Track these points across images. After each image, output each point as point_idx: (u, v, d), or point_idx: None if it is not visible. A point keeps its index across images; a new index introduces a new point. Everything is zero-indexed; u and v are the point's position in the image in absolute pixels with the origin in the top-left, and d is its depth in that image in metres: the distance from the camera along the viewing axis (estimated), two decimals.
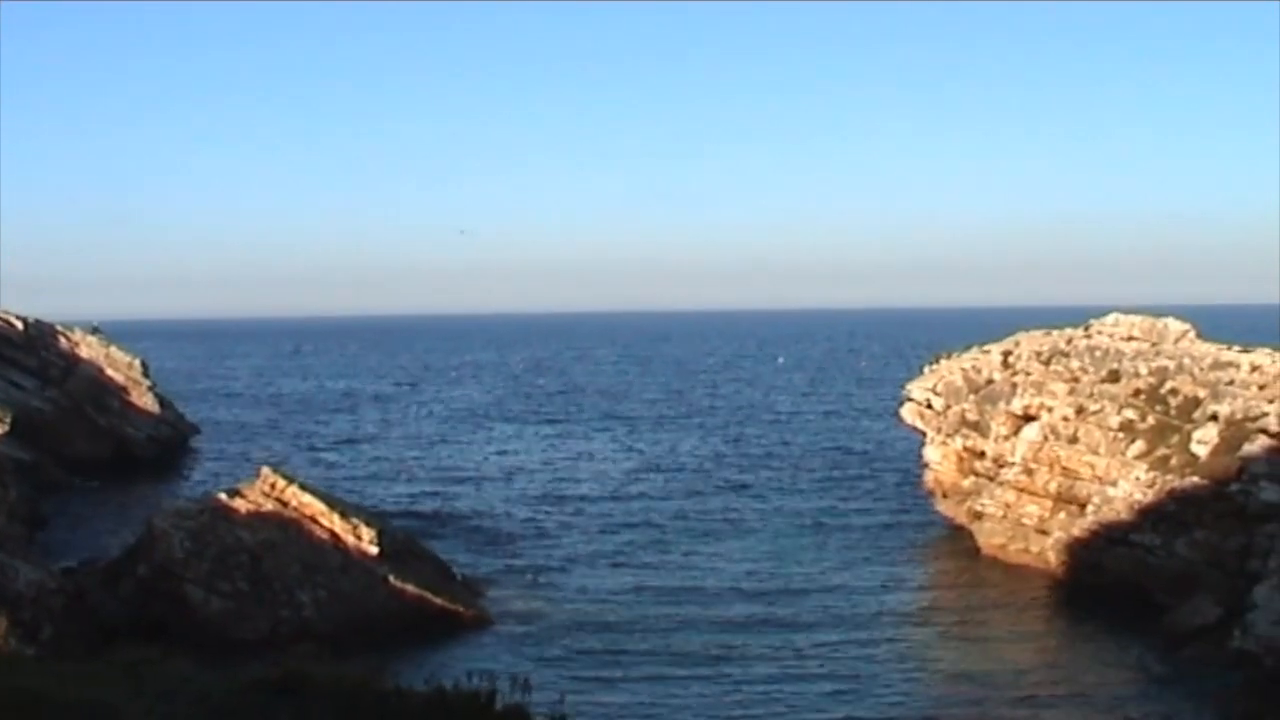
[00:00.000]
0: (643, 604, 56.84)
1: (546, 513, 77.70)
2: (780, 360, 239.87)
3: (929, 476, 74.13)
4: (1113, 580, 56.61)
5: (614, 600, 57.41)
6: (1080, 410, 64.63)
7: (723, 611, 55.59)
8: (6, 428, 72.65)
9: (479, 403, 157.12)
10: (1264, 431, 53.06)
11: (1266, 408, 54.38)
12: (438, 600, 53.38)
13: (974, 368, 73.69)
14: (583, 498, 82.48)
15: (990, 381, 71.86)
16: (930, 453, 73.78)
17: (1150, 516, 56.12)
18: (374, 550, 53.51)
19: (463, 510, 78.74)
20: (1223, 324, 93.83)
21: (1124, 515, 57.28)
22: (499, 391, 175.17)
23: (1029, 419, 67.35)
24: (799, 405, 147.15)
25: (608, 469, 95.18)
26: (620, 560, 65.08)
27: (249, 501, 53.86)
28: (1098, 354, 67.62)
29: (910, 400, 76.85)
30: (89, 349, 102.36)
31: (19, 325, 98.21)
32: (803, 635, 52.02)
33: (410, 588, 53.13)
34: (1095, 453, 61.91)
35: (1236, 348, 63.89)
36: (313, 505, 54.34)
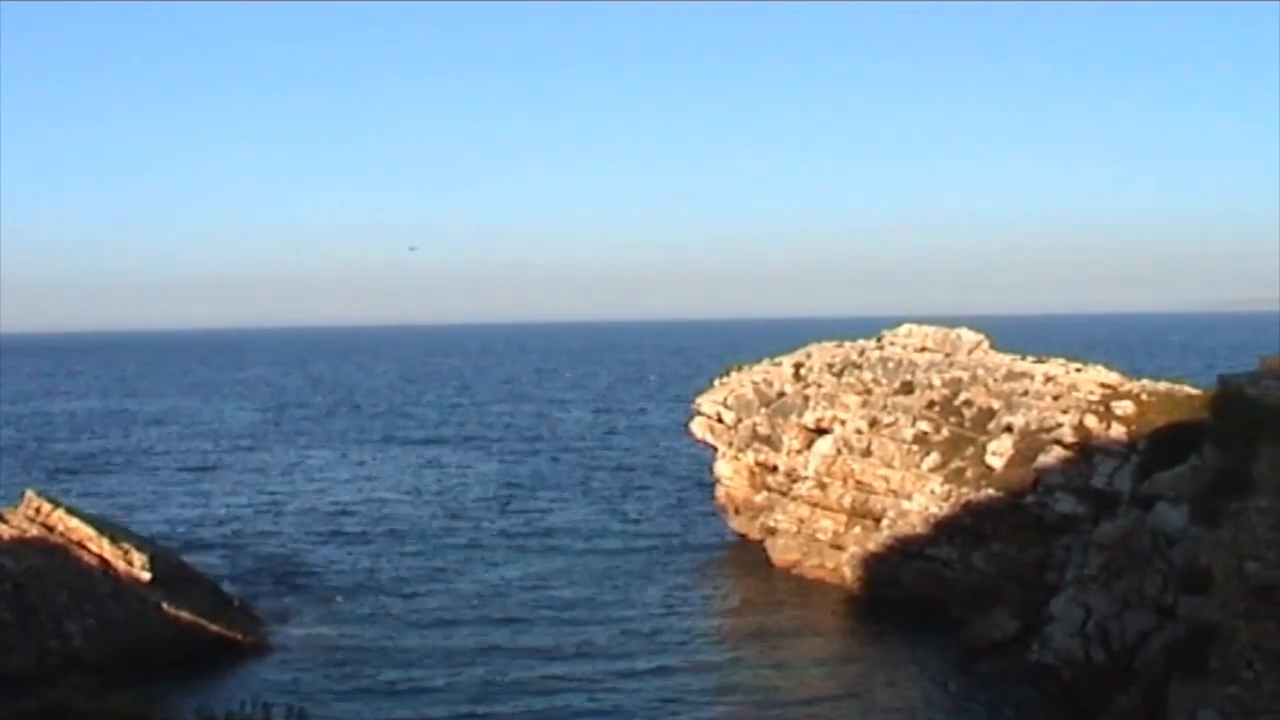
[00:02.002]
0: (428, 631, 54.62)
1: (326, 536, 74.71)
2: (568, 375, 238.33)
3: (720, 492, 72.85)
4: (909, 595, 55.90)
5: (398, 627, 55.05)
6: (874, 423, 63.95)
7: (509, 636, 53.64)
8: None
9: (256, 421, 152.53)
10: (1058, 442, 52.72)
11: (1061, 418, 54.03)
12: (214, 627, 51.10)
13: (765, 380, 72.72)
14: (364, 521, 79.47)
15: (782, 394, 70.94)
16: (721, 468, 72.50)
17: (946, 530, 55.49)
18: (146, 576, 50.81)
19: (240, 534, 75.45)
20: (1016, 334, 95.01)
21: (919, 529, 56.56)
22: (277, 409, 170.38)
23: (822, 432, 66.54)
24: (587, 421, 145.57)
25: (389, 491, 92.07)
26: (404, 586, 62.51)
27: (12, 527, 50.73)
28: (891, 365, 67.09)
29: (700, 414, 75.48)
30: None
31: None
32: (592, 658, 50.34)
33: (185, 615, 50.72)
34: (889, 466, 61.19)
35: (1030, 358, 63.91)
36: (80, 530, 51.36)
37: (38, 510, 51.73)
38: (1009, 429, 56.56)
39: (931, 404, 62.59)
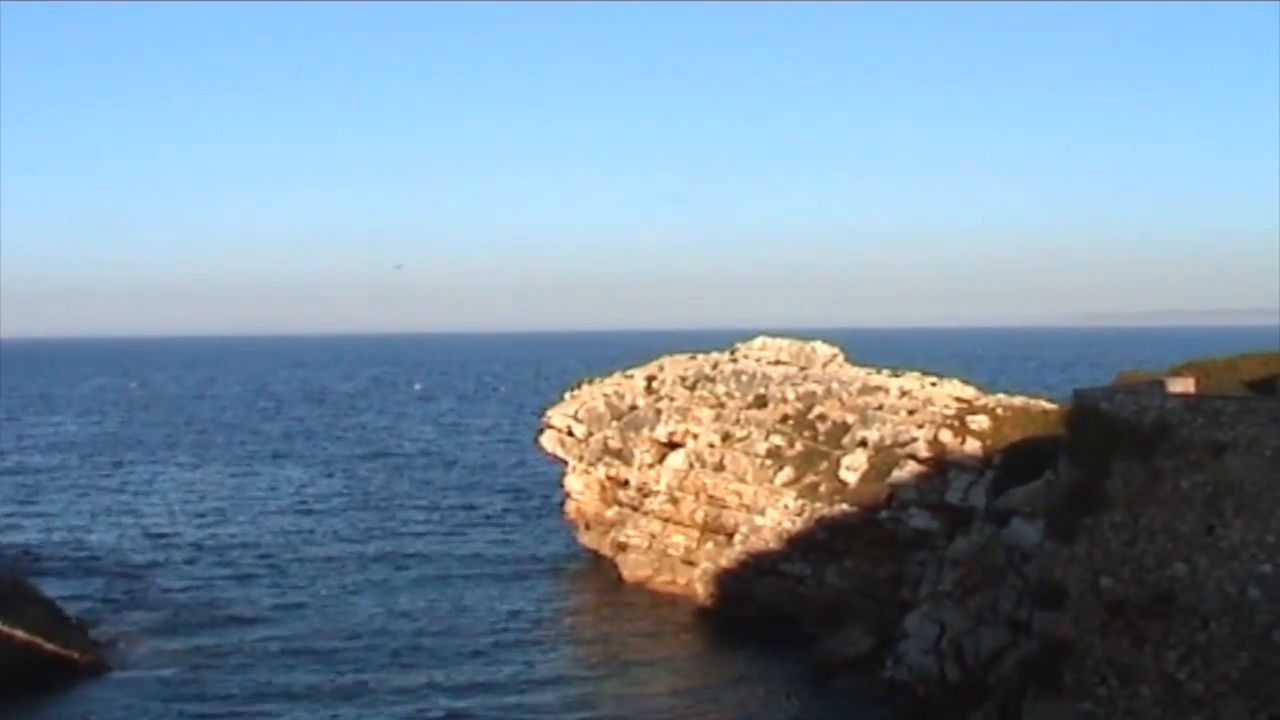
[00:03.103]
0: (270, 648, 53.06)
1: (167, 553, 72.64)
2: (418, 387, 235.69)
3: (571, 507, 71.89)
4: (762, 611, 55.49)
5: (238, 647, 53.36)
6: (727, 437, 63.44)
7: (357, 655, 52.25)
8: None
9: (97, 436, 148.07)
10: (913, 457, 52.55)
11: (916, 433, 53.87)
12: (49, 646, 49.48)
13: (616, 393, 71.98)
14: (207, 539, 77.26)
15: (634, 407, 70.24)
16: (572, 482, 71.54)
17: (799, 545, 55.11)
18: None
19: (76, 550, 73.07)
20: (871, 347, 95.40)
21: (772, 544, 56.13)
22: (115, 422, 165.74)
23: (674, 446, 65.96)
24: (434, 435, 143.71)
25: (234, 509, 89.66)
26: (247, 605, 60.77)
27: None
28: (744, 378, 66.65)
29: (550, 427, 74.52)
30: None
31: None
32: (438, 675, 49.29)
33: (19, 634, 48.98)
34: (742, 480, 60.67)
35: (886, 372, 63.77)
36: None
37: None
38: (863, 443, 56.31)
39: (785, 418, 62.20)
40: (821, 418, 60.65)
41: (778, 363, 67.89)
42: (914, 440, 53.52)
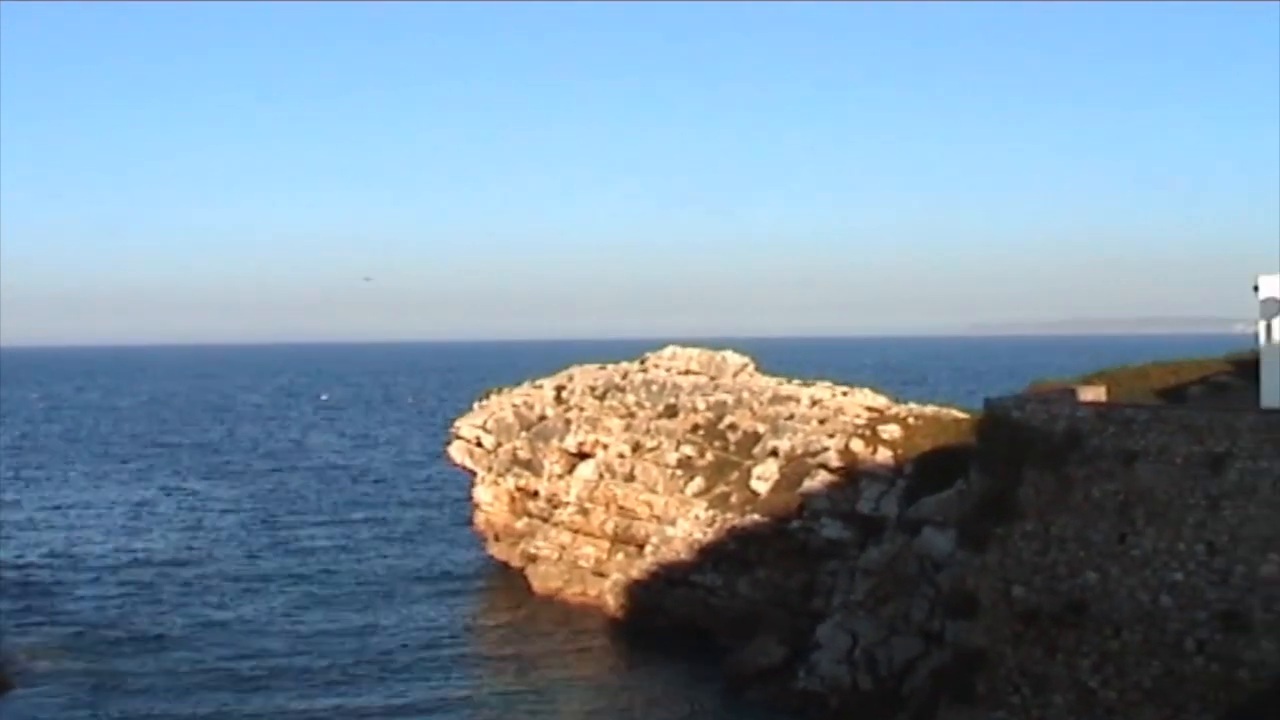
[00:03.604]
0: (177, 664, 52.11)
1: (69, 570, 71.00)
2: (325, 397, 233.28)
3: (480, 518, 71.27)
4: (674, 622, 55.10)
5: (143, 662, 52.35)
6: (637, 447, 63.12)
7: (261, 669, 51.43)
8: None
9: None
10: (824, 467, 52.45)
11: (827, 442, 53.79)
12: None
13: (526, 403, 71.43)
14: (107, 554, 75.74)
15: (543, 417, 69.71)
16: (481, 493, 70.92)
17: (711, 556, 54.80)
18: None
19: None
20: (783, 357, 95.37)
21: (684, 555, 55.79)
22: (14, 435, 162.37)
23: (584, 456, 65.54)
24: (341, 445, 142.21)
25: (138, 523, 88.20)
26: (152, 620, 59.59)
27: None
28: (654, 388, 66.34)
29: (459, 438, 73.85)
30: None
31: None
32: (345, 692, 48.53)
33: None
34: (653, 491, 60.35)
35: (797, 381, 63.69)
36: None
37: None
38: (774, 453, 56.14)
39: (696, 427, 61.95)
40: (732, 427, 60.46)
41: (688, 372, 67.65)
42: (825, 450, 53.43)
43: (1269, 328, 36.77)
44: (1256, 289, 37.31)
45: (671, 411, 63.90)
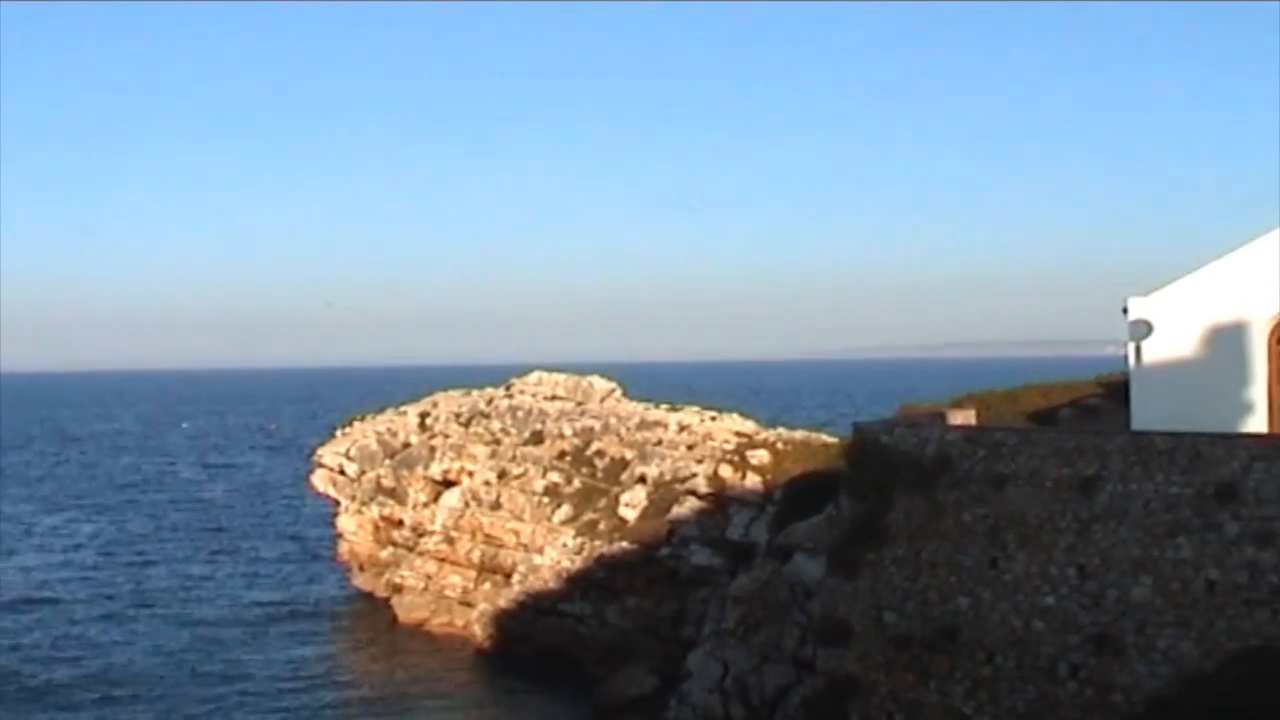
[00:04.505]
0: (20, 708, 50.18)
1: None
2: (185, 425, 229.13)
3: (344, 547, 70.13)
4: (542, 652, 54.44)
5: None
6: (503, 474, 62.42)
7: (121, 708, 49.90)
8: None
9: None
10: (693, 493, 52.07)
11: (695, 468, 53.43)
12: None
13: (389, 430, 70.43)
14: None
15: (407, 445, 68.82)
16: (345, 522, 69.76)
17: (579, 584, 54.27)
18: None
19: None
20: (650, 381, 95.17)
21: (552, 584, 55.19)
22: None
23: (449, 484, 64.80)
24: (201, 475, 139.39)
25: None
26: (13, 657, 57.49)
27: None
28: (520, 414, 65.69)
29: (321, 466, 72.56)
30: None
31: None
32: None
33: None
34: (520, 519, 59.65)
35: (664, 407, 63.32)
36: None
37: None
38: (643, 479, 55.70)
39: (563, 454, 61.34)
40: (599, 454, 59.95)
41: (554, 398, 67.10)
42: (694, 476, 53.08)
43: (1138, 350, 36.91)
44: (1126, 311, 37.44)
45: (538, 438, 63.27)
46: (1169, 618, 28.79)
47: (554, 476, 60.18)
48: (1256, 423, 35.55)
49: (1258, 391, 35.83)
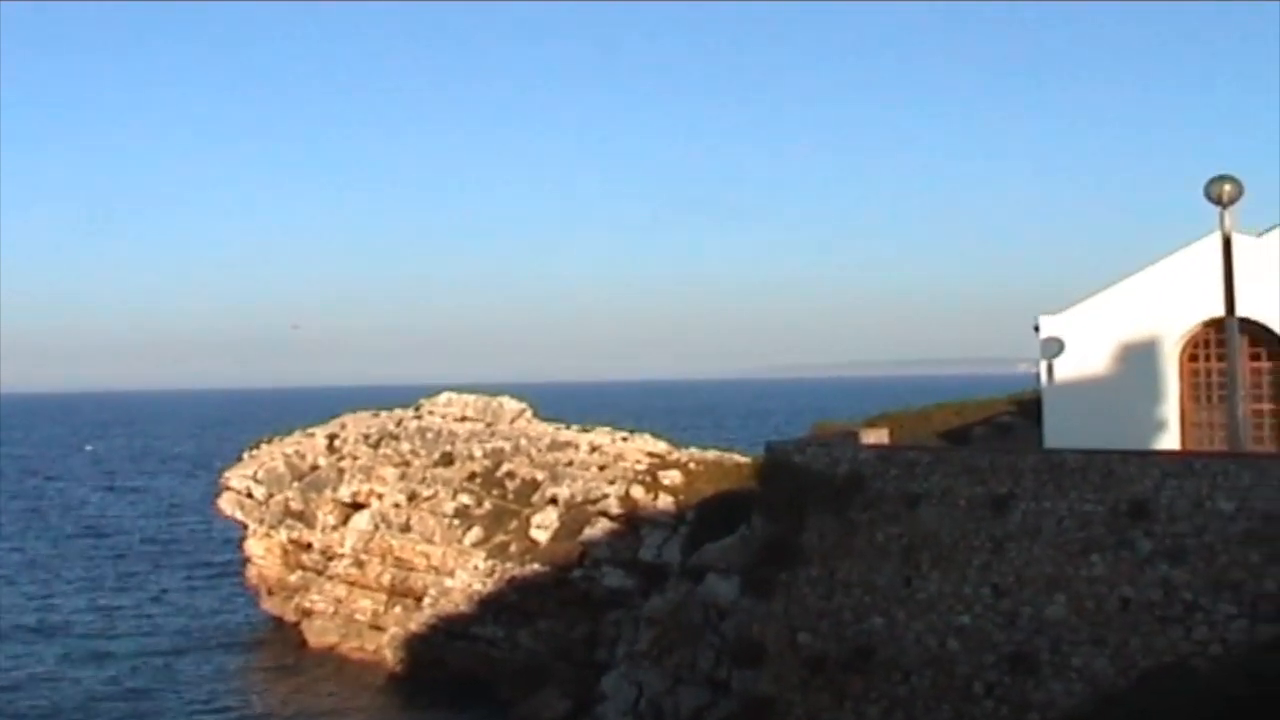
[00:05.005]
0: None
1: None
2: (89, 448, 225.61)
3: (252, 572, 69.02)
4: (456, 676, 53.84)
5: None
6: (413, 496, 61.73)
7: None
8: None
9: None
10: (605, 514, 51.70)
11: (607, 489, 53.03)
12: None
13: (297, 453, 69.52)
14: None
15: (315, 467, 67.96)
16: (252, 546, 68.69)
17: (491, 607, 53.75)
18: None
19: None
20: (559, 402, 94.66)
21: (463, 607, 54.63)
22: None
23: (358, 507, 63.98)
24: (109, 499, 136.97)
25: None
26: None
27: None
28: (430, 436, 65.01)
29: (229, 489, 71.44)
30: None
31: None
32: None
33: None
34: (430, 541, 58.97)
35: (575, 427, 62.85)
36: None
37: None
38: (554, 501, 55.23)
39: (473, 475, 60.76)
40: (510, 475, 59.40)
41: (464, 419, 66.44)
42: (605, 497, 52.67)
43: (1050, 368, 37.09)
44: (1037, 329, 37.62)
45: (448, 460, 62.61)
46: (1083, 636, 28.78)
47: (464, 498, 59.56)
48: (1169, 440, 35.78)
49: (1169, 408, 36.08)
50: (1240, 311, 31.95)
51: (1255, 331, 34.76)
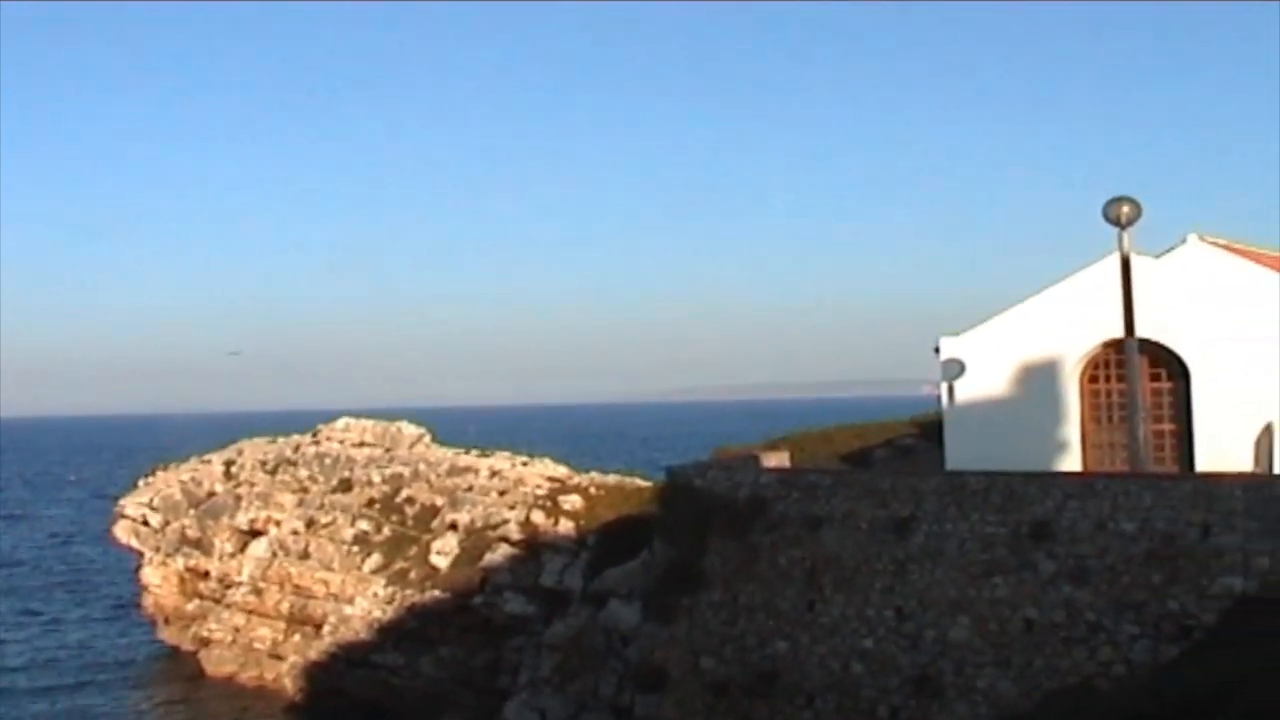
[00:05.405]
0: None
1: None
2: None
3: (149, 600, 67.83)
4: (356, 704, 53.04)
5: None
6: (311, 523, 60.87)
7: None
8: None
9: None
10: (505, 540, 51.14)
11: (508, 514, 52.50)
12: None
13: (194, 479, 68.41)
14: None
15: (212, 494, 66.91)
16: (149, 574, 67.45)
17: (391, 635, 52.95)
18: None
19: None
20: (459, 426, 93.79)
21: (363, 634, 53.78)
22: None
23: (256, 534, 63.02)
24: (2, 526, 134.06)
25: None
26: None
27: None
28: (328, 461, 64.18)
29: (124, 517, 70.10)
30: None
31: None
32: None
33: None
34: (329, 568, 58.08)
35: (475, 452, 62.21)
36: None
37: None
38: (454, 526, 54.55)
39: (372, 502, 59.95)
40: (410, 500, 58.64)
41: (362, 444, 65.63)
42: (506, 522, 52.10)
43: (951, 389, 37.15)
44: (938, 350, 37.69)
45: (346, 485, 61.79)
46: (987, 657, 28.77)
47: (363, 525, 58.72)
48: (1070, 461, 35.93)
49: (1071, 430, 36.24)
50: (1140, 332, 32.16)
51: (1155, 352, 35.03)
